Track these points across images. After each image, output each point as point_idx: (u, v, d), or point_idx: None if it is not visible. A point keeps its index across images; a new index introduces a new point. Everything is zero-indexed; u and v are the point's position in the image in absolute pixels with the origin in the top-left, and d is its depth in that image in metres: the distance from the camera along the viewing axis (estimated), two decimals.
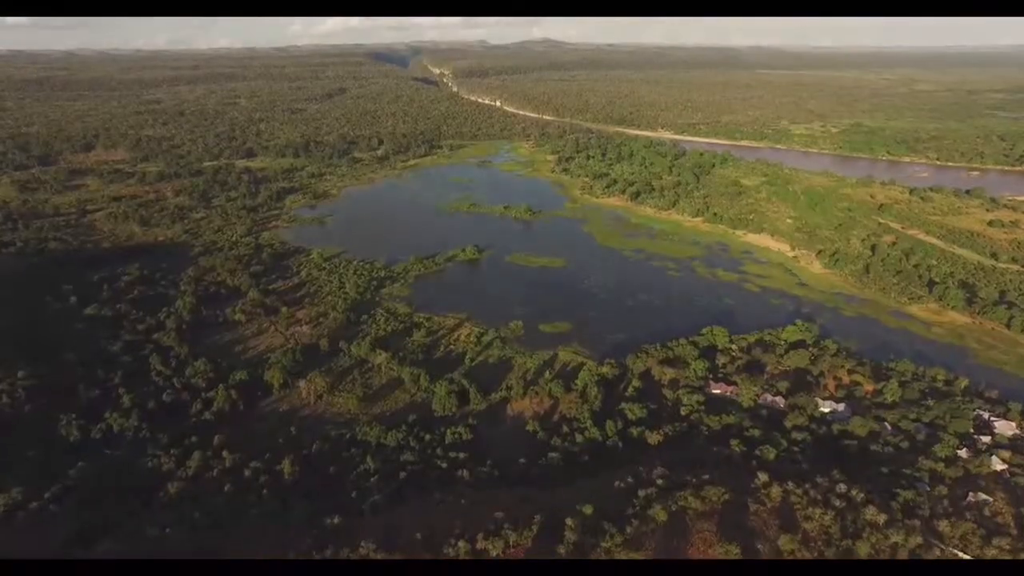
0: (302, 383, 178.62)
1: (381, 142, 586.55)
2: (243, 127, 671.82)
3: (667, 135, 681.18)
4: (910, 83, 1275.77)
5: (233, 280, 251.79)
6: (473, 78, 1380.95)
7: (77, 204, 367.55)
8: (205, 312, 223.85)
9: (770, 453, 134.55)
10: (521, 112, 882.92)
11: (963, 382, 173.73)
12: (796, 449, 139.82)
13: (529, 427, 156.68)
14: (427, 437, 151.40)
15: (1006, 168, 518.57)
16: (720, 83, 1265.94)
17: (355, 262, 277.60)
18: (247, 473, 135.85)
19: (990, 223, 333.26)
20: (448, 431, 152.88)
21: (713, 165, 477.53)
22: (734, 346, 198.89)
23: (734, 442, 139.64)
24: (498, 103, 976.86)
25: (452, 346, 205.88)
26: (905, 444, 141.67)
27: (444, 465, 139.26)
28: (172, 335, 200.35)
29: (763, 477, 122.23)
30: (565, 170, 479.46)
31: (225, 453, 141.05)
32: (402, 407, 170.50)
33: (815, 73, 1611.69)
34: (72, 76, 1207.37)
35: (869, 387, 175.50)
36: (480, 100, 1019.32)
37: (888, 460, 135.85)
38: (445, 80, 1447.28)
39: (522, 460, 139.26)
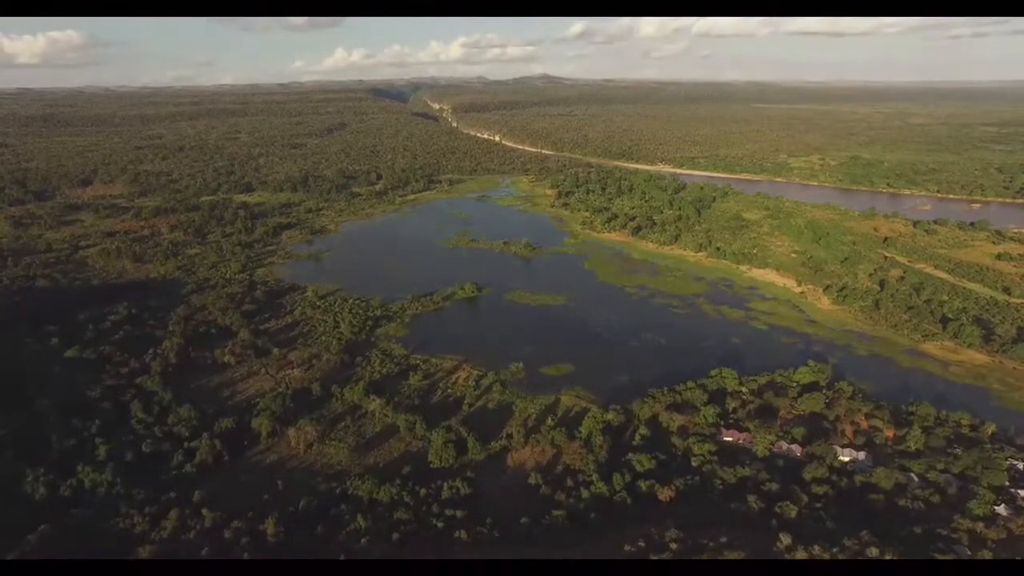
0: (291, 431, 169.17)
1: (380, 177, 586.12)
2: (242, 162, 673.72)
3: (666, 169, 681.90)
4: (904, 117, 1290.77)
5: (224, 319, 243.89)
6: (472, 113, 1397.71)
7: (70, 240, 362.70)
8: (193, 354, 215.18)
9: (791, 510, 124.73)
10: (520, 147, 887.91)
11: (990, 427, 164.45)
12: (818, 505, 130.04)
13: (531, 480, 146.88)
14: (422, 492, 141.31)
15: (1007, 200, 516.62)
16: (717, 117, 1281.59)
17: (351, 300, 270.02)
18: (227, 534, 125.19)
19: (998, 256, 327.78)
20: (445, 485, 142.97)
21: (714, 199, 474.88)
22: (744, 389, 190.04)
23: (751, 498, 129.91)
24: (497, 138, 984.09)
25: (450, 390, 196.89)
26: (936, 498, 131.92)
27: (440, 524, 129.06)
28: (156, 379, 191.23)
29: (786, 539, 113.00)
30: (565, 204, 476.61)
31: (205, 511, 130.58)
32: (396, 457, 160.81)
33: (809, 107, 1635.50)
34: (76, 112, 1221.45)
35: (890, 433, 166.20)
36: (479, 135, 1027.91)
37: (919, 517, 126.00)
38: (445, 115, 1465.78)
39: (524, 519, 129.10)
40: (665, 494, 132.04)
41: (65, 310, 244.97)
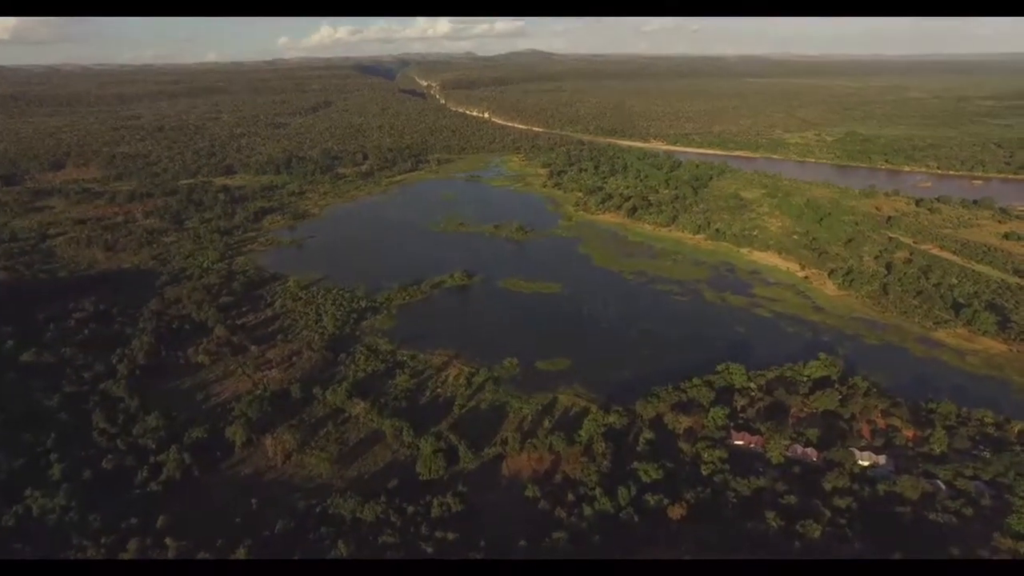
0: (268, 440, 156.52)
1: (366, 157, 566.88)
2: (223, 143, 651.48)
3: (660, 146, 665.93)
4: (899, 91, 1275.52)
5: (199, 314, 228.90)
6: (461, 90, 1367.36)
7: (38, 228, 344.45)
8: (165, 353, 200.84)
9: (814, 530, 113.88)
10: (510, 124, 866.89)
11: (1017, 425, 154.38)
12: (842, 521, 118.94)
13: (528, 492, 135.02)
14: (410, 510, 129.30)
15: (1008, 176, 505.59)
16: (710, 92, 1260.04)
17: (334, 290, 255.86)
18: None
19: (1006, 236, 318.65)
20: (435, 501, 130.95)
21: (710, 177, 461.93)
22: (753, 384, 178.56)
23: (769, 515, 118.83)
24: (486, 115, 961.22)
25: (439, 389, 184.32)
26: (968, 511, 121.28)
27: (430, 549, 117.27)
28: (122, 384, 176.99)
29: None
30: (557, 184, 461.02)
31: (169, 540, 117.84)
32: (382, 467, 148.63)
33: (803, 81, 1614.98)
34: (50, 91, 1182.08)
35: (909, 432, 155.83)
36: (468, 112, 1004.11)
37: (953, 535, 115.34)
38: (432, 92, 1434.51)
39: (522, 541, 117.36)
40: (675, 512, 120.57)
41: (26, 306, 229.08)
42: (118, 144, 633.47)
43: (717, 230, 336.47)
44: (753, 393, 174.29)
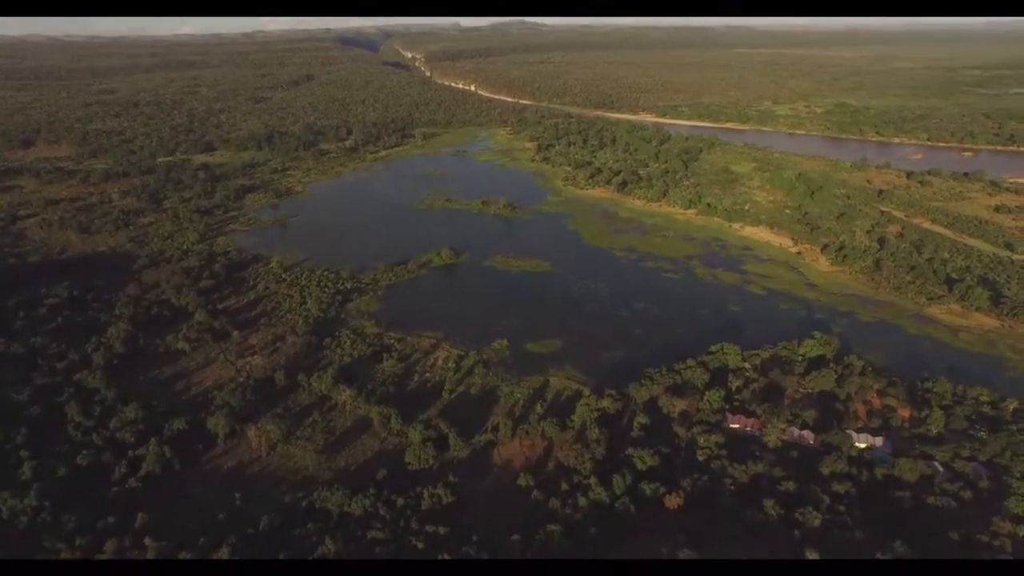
0: (252, 431, 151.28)
1: (350, 132, 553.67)
2: (202, 118, 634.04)
3: (649, 118, 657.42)
4: (887, 61, 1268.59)
5: (179, 298, 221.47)
6: (446, 61, 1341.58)
7: (7, 209, 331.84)
8: (143, 341, 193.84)
9: (814, 518, 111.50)
10: (497, 97, 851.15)
11: (1012, 404, 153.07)
12: (841, 508, 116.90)
13: (521, 481, 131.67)
14: (400, 502, 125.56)
15: (998, 148, 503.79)
16: (698, 63, 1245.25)
17: (319, 271, 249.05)
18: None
19: (996, 208, 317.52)
20: (425, 493, 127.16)
21: (700, 150, 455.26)
22: (747, 364, 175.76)
23: (768, 503, 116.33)
24: (473, 87, 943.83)
25: (428, 373, 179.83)
26: (967, 494, 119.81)
27: (421, 545, 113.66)
28: (98, 374, 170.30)
29: (813, 555, 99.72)
30: (546, 159, 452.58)
31: (148, 540, 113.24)
32: (370, 457, 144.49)
33: (791, 51, 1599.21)
34: (17, 64, 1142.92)
35: (905, 413, 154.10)
36: (454, 85, 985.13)
37: (952, 518, 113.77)
38: (417, 64, 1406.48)
39: (515, 535, 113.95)
40: (672, 501, 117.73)
41: None
42: (91, 120, 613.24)
43: (708, 205, 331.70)
44: (748, 374, 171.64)
